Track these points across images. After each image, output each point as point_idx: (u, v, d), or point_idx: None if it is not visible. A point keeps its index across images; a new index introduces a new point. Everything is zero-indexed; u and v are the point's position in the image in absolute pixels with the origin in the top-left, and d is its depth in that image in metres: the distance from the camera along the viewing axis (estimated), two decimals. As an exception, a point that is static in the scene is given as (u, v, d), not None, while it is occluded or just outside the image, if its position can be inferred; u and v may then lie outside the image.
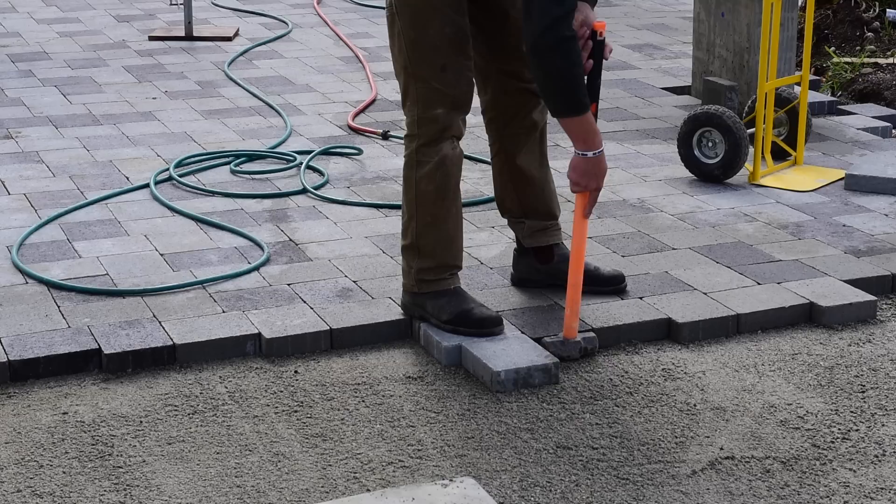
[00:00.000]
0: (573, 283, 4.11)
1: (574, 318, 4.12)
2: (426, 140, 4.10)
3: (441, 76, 4.05)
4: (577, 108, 3.91)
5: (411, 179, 4.15)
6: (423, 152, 4.11)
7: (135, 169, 5.73)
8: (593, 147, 3.99)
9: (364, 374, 4.03)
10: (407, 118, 4.15)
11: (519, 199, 4.41)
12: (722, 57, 6.67)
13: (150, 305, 4.36)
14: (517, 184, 4.39)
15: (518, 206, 4.43)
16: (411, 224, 4.18)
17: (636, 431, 3.71)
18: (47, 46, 8.05)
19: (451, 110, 4.09)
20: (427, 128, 4.09)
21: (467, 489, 3.29)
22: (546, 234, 4.46)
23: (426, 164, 4.11)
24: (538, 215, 4.44)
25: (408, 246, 4.21)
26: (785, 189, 5.53)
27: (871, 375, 4.04)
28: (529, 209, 4.43)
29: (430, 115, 4.07)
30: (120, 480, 3.45)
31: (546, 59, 3.85)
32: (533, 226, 4.44)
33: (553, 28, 3.79)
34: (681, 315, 4.30)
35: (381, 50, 7.97)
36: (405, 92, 4.13)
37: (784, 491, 3.41)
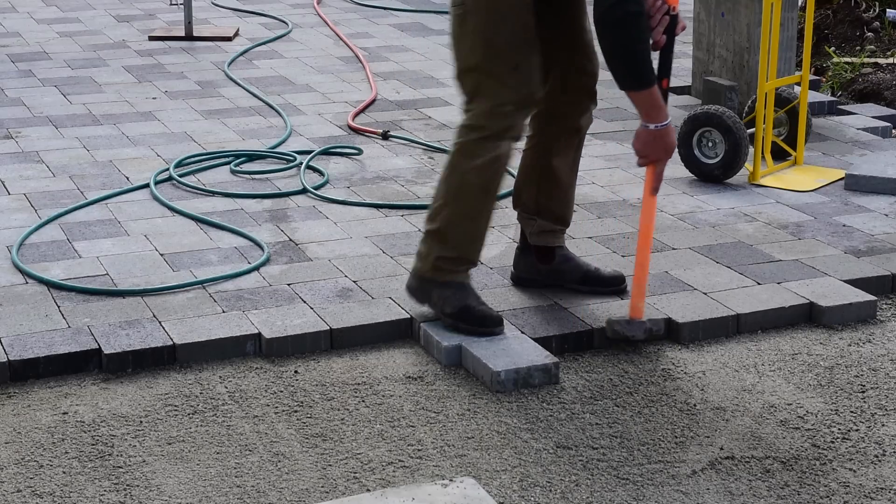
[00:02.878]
0: (640, 263, 4.15)
1: (640, 298, 4.16)
2: (490, 133, 4.10)
3: (514, 74, 4.07)
4: (641, 82, 3.96)
5: (459, 167, 4.14)
6: (483, 145, 4.11)
7: (135, 169, 5.73)
8: (657, 120, 4.02)
9: (364, 374, 4.03)
10: (473, 111, 4.13)
11: (538, 196, 4.42)
12: (722, 57, 6.67)
13: (150, 305, 4.36)
14: (544, 182, 4.40)
15: (534, 203, 4.44)
16: (444, 210, 4.17)
17: (636, 431, 3.71)
18: (47, 46, 8.05)
19: (521, 108, 4.12)
20: (495, 122, 4.10)
21: (467, 489, 3.29)
22: (553, 236, 4.48)
23: (481, 157, 4.11)
24: (552, 217, 4.45)
25: (434, 230, 4.20)
26: (785, 189, 5.53)
27: (871, 375, 4.04)
28: (545, 209, 4.44)
29: (500, 110, 4.09)
30: (120, 480, 3.45)
31: (613, 31, 3.91)
32: (543, 226, 4.45)
33: (622, 2, 3.85)
34: (681, 315, 4.30)
35: (381, 50, 7.97)
36: (475, 89, 4.12)
37: (784, 491, 3.41)
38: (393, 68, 7.54)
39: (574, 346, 4.19)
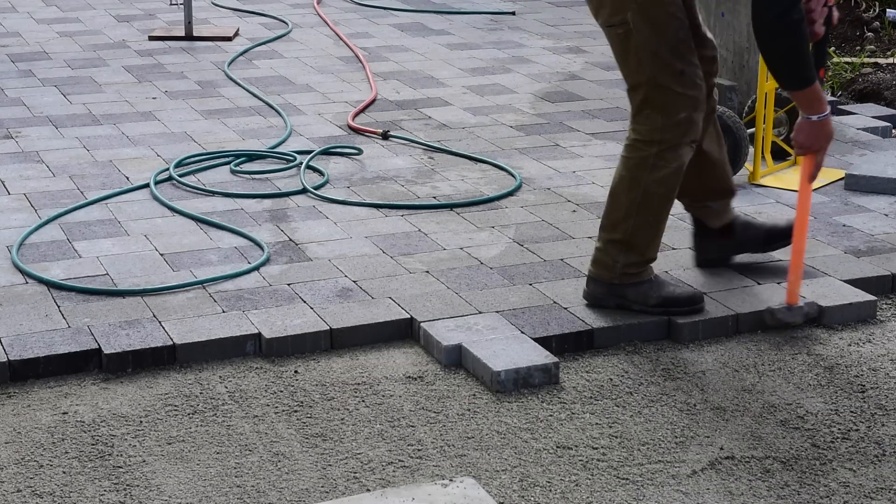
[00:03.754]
0: (797, 250, 4.27)
1: (798, 283, 4.27)
2: (669, 145, 4.21)
3: (681, 80, 4.18)
4: (804, 82, 4.09)
5: (640, 181, 4.24)
6: (664, 157, 4.22)
7: (135, 169, 5.73)
8: (819, 111, 4.15)
9: (364, 374, 4.03)
10: (644, 126, 4.22)
11: (702, 182, 4.51)
12: (722, 57, 6.66)
13: (150, 305, 4.36)
14: (702, 169, 4.48)
15: (701, 190, 4.54)
16: (627, 221, 4.28)
17: (636, 431, 3.71)
18: (47, 46, 8.05)
19: (693, 112, 4.21)
20: (672, 133, 4.20)
21: (467, 489, 3.29)
22: (727, 211, 4.62)
23: (663, 169, 4.23)
24: (720, 194, 4.58)
25: (617, 240, 4.30)
26: (785, 189, 5.53)
27: (871, 375, 4.04)
28: (711, 191, 4.56)
29: (674, 120, 4.19)
30: (120, 480, 3.45)
31: (778, 40, 4.04)
32: (717, 207, 4.59)
33: (787, 12, 3.97)
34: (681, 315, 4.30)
35: (381, 50, 7.97)
36: (643, 102, 4.21)
37: (784, 491, 3.41)
38: (393, 68, 7.54)
39: (574, 346, 4.19)
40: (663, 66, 4.16)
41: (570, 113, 6.64)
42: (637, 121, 4.25)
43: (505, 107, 6.74)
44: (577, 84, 7.21)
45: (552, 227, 5.08)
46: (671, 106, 4.18)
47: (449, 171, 5.73)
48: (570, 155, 5.97)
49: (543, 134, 6.29)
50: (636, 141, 4.25)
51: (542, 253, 4.82)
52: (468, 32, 8.52)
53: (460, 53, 7.93)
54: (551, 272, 4.65)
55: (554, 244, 4.91)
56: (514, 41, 8.26)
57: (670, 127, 4.19)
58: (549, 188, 5.53)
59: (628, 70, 4.23)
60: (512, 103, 6.81)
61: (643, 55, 4.16)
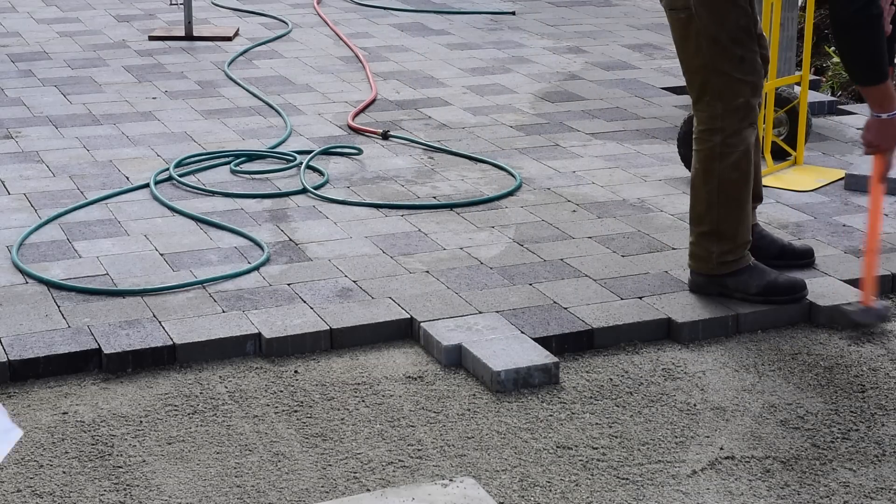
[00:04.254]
0: (870, 249, 4.29)
1: (872, 284, 4.29)
2: (732, 130, 4.29)
3: (740, 66, 4.25)
4: (879, 77, 4.12)
5: (713, 170, 4.32)
6: (729, 143, 4.30)
7: (135, 169, 5.73)
8: (889, 109, 4.18)
9: (364, 374, 4.03)
10: (705, 113, 4.31)
11: None
12: (722, 57, 6.66)
13: (150, 305, 4.36)
14: None
15: None
16: (711, 212, 4.36)
17: (636, 431, 3.71)
18: (47, 46, 8.05)
19: (752, 97, 4.29)
20: (732, 119, 4.28)
21: (467, 489, 3.29)
22: (753, 214, 4.64)
23: (732, 154, 4.31)
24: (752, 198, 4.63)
25: (707, 232, 4.38)
26: (785, 189, 5.53)
27: (871, 375, 4.04)
28: None
29: (733, 105, 4.27)
30: (120, 480, 3.45)
31: (857, 33, 4.08)
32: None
33: (866, 7, 4.03)
34: (681, 315, 4.30)
35: (381, 50, 7.97)
36: (702, 88, 4.29)
37: (784, 491, 3.41)
38: (393, 68, 7.54)
39: (574, 346, 4.19)
40: (722, 51, 4.23)
41: (570, 113, 6.64)
42: (698, 108, 4.34)
43: (505, 107, 6.74)
44: (577, 84, 7.21)
45: (552, 227, 5.08)
46: (730, 92, 4.26)
47: (449, 171, 5.73)
48: (570, 155, 5.97)
49: (543, 134, 6.29)
50: (701, 132, 4.34)
51: (542, 253, 4.82)
52: (468, 32, 8.52)
53: (460, 53, 7.93)
54: (551, 272, 4.65)
55: (554, 244, 4.91)
56: (514, 41, 8.26)
57: (729, 113, 4.27)
58: (549, 188, 5.53)
59: (686, 54, 4.30)
60: (512, 103, 6.81)
61: (703, 40, 4.23)
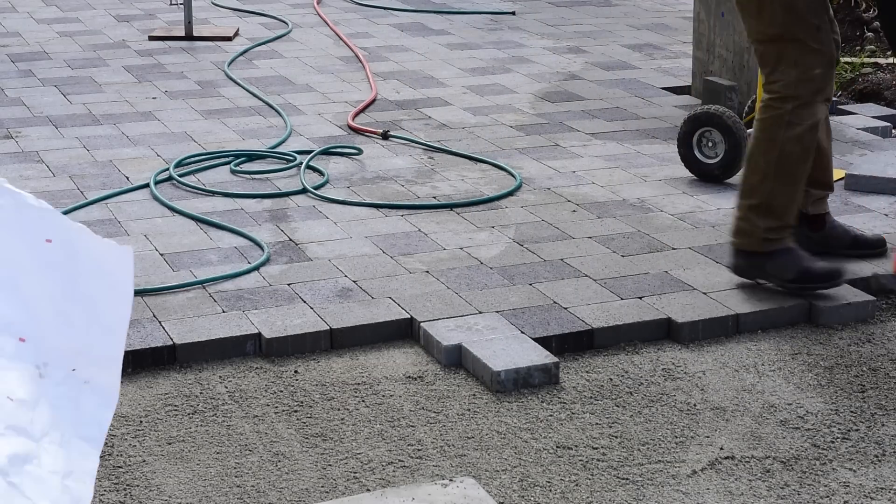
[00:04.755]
0: None
1: None
2: (804, 101, 4.28)
3: (816, 36, 4.25)
4: None
5: (776, 140, 4.30)
6: (799, 114, 4.28)
7: (135, 169, 5.73)
8: None
9: (364, 374, 4.03)
10: (779, 82, 4.28)
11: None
12: (722, 57, 6.67)
13: (150, 305, 4.36)
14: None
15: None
16: (765, 183, 4.33)
17: (636, 431, 3.71)
18: (47, 46, 8.05)
19: (827, 69, 4.29)
20: (806, 88, 4.27)
21: (467, 489, 3.29)
22: (823, 203, 4.69)
23: (798, 126, 4.29)
24: (820, 185, 4.64)
25: (756, 205, 4.36)
26: (785, 189, 5.53)
27: (871, 375, 4.04)
28: (814, 179, 4.59)
29: (809, 75, 4.26)
30: (120, 480, 3.45)
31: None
32: (815, 194, 4.65)
33: None
34: (681, 315, 4.30)
35: (381, 50, 7.97)
36: (778, 58, 4.27)
37: (784, 491, 3.41)
38: (393, 68, 7.55)
39: (574, 346, 4.19)
40: (799, 19, 4.23)
41: (570, 113, 6.64)
42: (771, 78, 4.31)
43: (505, 107, 6.74)
44: (577, 84, 7.21)
45: (552, 227, 5.08)
46: (806, 61, 4.25)
47: (449, 171, 5.73)
48: (570, 155, 5.97)
49: (543, 134, 6.29)
50: (771, 100, 4.30)
51: (542, 253, 4.82)
52: (468, 32, 8.52)
53: (460, 53, 7.93)
54: (551, 272, 4.65)
55: (554, 244, 4.91)
56: (514, 41, 8.26)
57: (805, 82, 4.26)
58: (549, 188, 5.53)
59: (762, 24, 4.28)
60: (512, 103, 6.81)
61: (778, 9, 4.22)
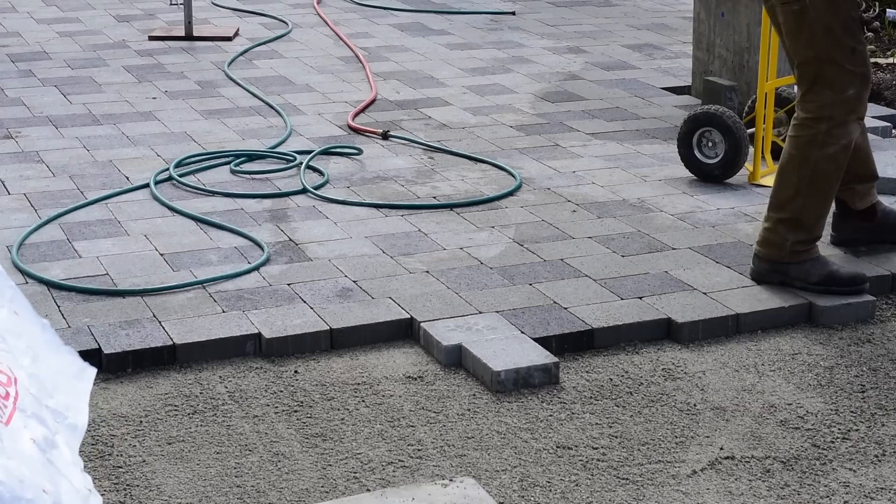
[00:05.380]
0: None
1: None
2: (838, 122, 4.38)
3: (852, 58, 4.34)
4: None
5: (810, 158, 4.40)
6: (833, 133, 4.38)
7: (135, 169, 5.73)
8: None
9: (364, 374, 4.03)
10: (814, 103, 4.38)
11: (849, 166, 4.60)
12: (722, 57, 6.67)
13: (150, 305, 4.36)
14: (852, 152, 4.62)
15: (847, 173, 4.64)
16: (796, 199, 4.43)
17: (636, 431, 3.71)
18: (47, 46, 8.05)
19: (862, 89, 4.38)
20: (841, 109, 4.36)
21: (467, 489, 3.29)
22: (871, 194, 4.75)
23: (833, 145, 4.38)
24: (863, 179, 4.74)
25: (786, 219, 4.46)
26: (785, 189, 5.52)
27: (871, 375, 4.04)
28: (855, 175, 4.69)
29: (843, 96, 4.35)
30: (120, 480, 3.45)
31: None
32: (861, 189, 4.74)
33: None
34: (681, 315, 4.30)
35: (381, 50, 7.97)
36: (814, 79, 4.37)
37: (784, 491, 3.41)
38: (393, 68, 7.55)
39: (574, 346, 4.19)
40: (836, 42, 4.31)
41: (570, 113, 6.64)
42: (807, 98, 4.39)
43: (505, 107, 6.74)
44: (577, 84, 7.21)
45: (552, 227, 5.08)
46: (841, 82, 4.32)
47: (449, 171, 5.73)
48: (570, 155, 5.97)
49: (543, 134, 6.29)
50: (806, 119, 4.39)
51: (542, 253, 4.82)
52: (468, 32, 8.52)
53: (460, 53, 7.93)
54: (551, 272, 4.65)
55: (554, 244, 4.91)
56: (514, 41, 8.26)
57: (839, 103, 4.34)
58: (549, 188, 5.53)
59: (800, 46, 4.37)
60: (512, 103, 6.81)
61: (817, 31, 4.31)
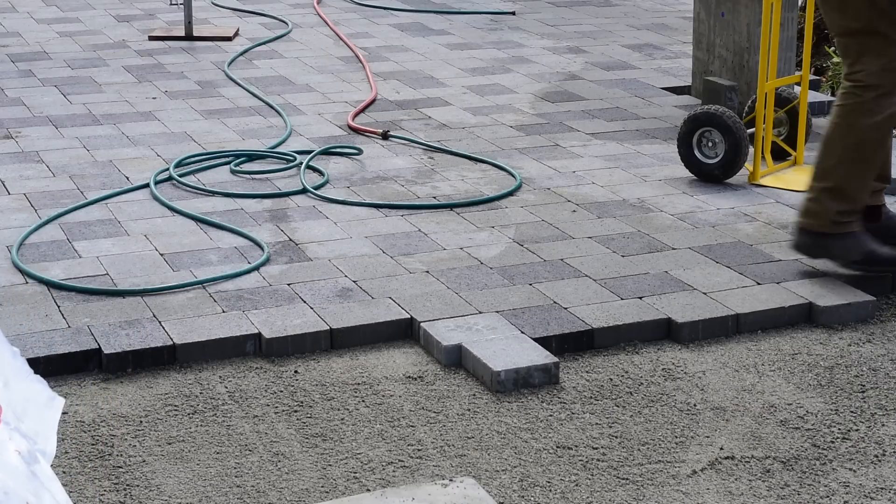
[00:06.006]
0: None
1: None
2: (885, 91, 4.43)
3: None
4: None
5: (856, 126, 4.47)
6: (879, 103, 4.44)
7: (135, 169, 5.73)
8: None
9: (364, 374, 4.03)
10: (861, 72, 4.44)
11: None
12: (722, 57, 6.67)
13: (150, 305, 4.36)
14: None
15: None
16: (840, 168, 4.49)
17: (636, 431, 3.71)
18: (47, 46, 8.05)
19: None
20: (888, 78, 4.42)
21: (467, 489, 3.29)
22: (879, 194, 4.75)
23: (878, 114, 4.44)
24: (877, 178, 4.69)
25: (829, 188, 4.50)
26: (785, 189, 5.53)
27: (871, 375, 4.04)
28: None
29: (892, 65, 4.41)
30: (120, 480, 3.45)
31: None
32: (874, 186, 4.70)
33: None
34: (681, 315, 4.30)
35: (381, 50, 7.97)
36: (860, 50, 4.44)
37: (784, 491, 3.41)
38: (393, 68, 7.55)
39: (574, 346, 4.19)
40: (881, 14, 4.38)
41: (570, 113, 6.64)
42: (854, 68, 4.46)
43: (505, 107, 6.74)
44: (577, 84, 7.21)
45: (552, 227, 5.08)
46: (888, 52, 4.39)
47: (449, 171, 5.73)
48: (570, 155, 5.97)
49: (543, 134, 6.29)
50: (853, 87, 4.46)
51: (542, 253, 4.82)
52: (468, 32, 8.52)
53: (460, 53, 7.93)
54: (551, 272, 4.65)
55: (554, 244, 4.91)
56: (514, 41, 8.26)
57: (888, 72, 4.40)
58: (549, 188, 5.53)
59: (846, 18, 4.43)
60: (512, 103, 6.81)
61: (861, 4, 4.38)
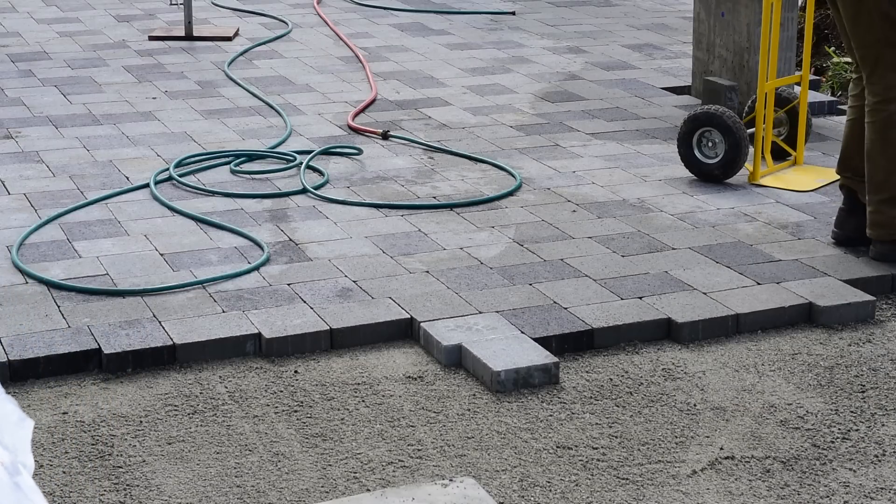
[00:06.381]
0: None
1: None
2: None
3: None
4: None
5: (890, 138, 4.64)
6: None
7: (135, 169, 5.73)
8: None
9: (364, 374, 4.03)
10: (879, 85, 4.63)
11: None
12: (722, 57, 6.67)
13: (150, 305, 4.36)
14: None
15: (863, 167, 4.78)
16: (891, 178, 4.67)
17: (636, 431, 3.71)
18: (47, 46, 8.05)
19: None
20: None
21: (467, 489, 3.29)
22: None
23: None
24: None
25: (887, 199, 4.68)
26: (785, 189, 5.53)
27: (871, 375, 4.04)
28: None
29: None
30: (120, 480, 3.45)
31: None
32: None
33: None
34: (681, 315, 4.30)
35: (381, 50, 7.97)
36: (876, 62, 4.61)
37: (784, 491, 3.41)
38: (393, 68, 7.55)
39: (574, 346, 4.19)
40: (893, 26, 4.50)
41: (570, 113, 6.64)
42: (872, 81, 4.60)
43: (505, 107, 6.74)
44: (577, 84, 7.21)
45: (552, 227, 5.08)
46: None
47: (449, 171, 5.73)
48: (570, 155, 5.97)
49: (543, 134, 6.29)
50: (875, 104, 4.60)
51: (542, 253, 4.82)
52: (468, 32, 8.52)
53: (460, 53, 7.93)
54: (551, 272, 4.65)
55: (554, 244, 4.91)
56: (514, 41, 8.26)
57: None
58: (549, 188, 5.53)
59: (860, 31, 4.57)
60: (512, 103, 6.81)
61: (875, 17, 4.51)
